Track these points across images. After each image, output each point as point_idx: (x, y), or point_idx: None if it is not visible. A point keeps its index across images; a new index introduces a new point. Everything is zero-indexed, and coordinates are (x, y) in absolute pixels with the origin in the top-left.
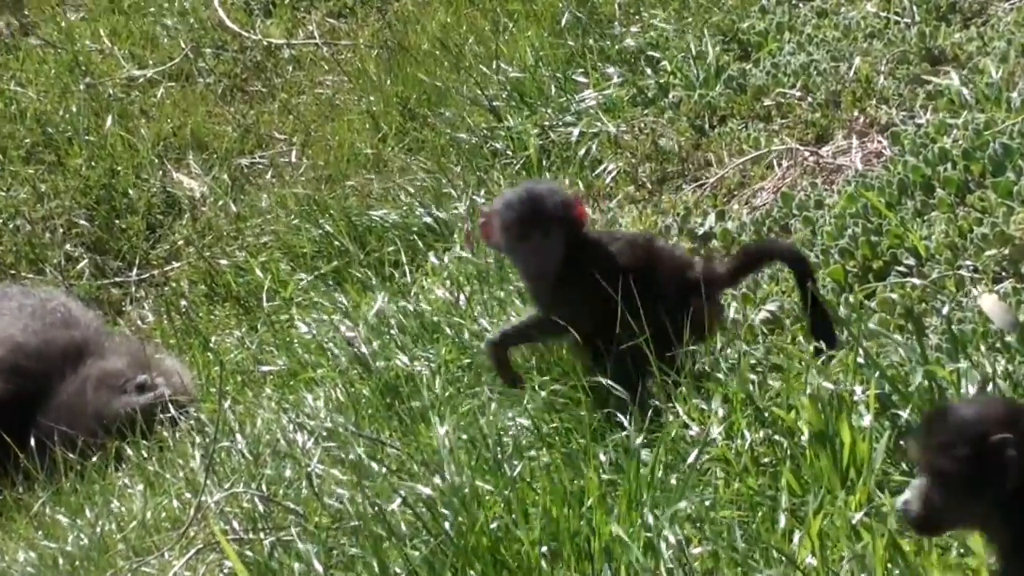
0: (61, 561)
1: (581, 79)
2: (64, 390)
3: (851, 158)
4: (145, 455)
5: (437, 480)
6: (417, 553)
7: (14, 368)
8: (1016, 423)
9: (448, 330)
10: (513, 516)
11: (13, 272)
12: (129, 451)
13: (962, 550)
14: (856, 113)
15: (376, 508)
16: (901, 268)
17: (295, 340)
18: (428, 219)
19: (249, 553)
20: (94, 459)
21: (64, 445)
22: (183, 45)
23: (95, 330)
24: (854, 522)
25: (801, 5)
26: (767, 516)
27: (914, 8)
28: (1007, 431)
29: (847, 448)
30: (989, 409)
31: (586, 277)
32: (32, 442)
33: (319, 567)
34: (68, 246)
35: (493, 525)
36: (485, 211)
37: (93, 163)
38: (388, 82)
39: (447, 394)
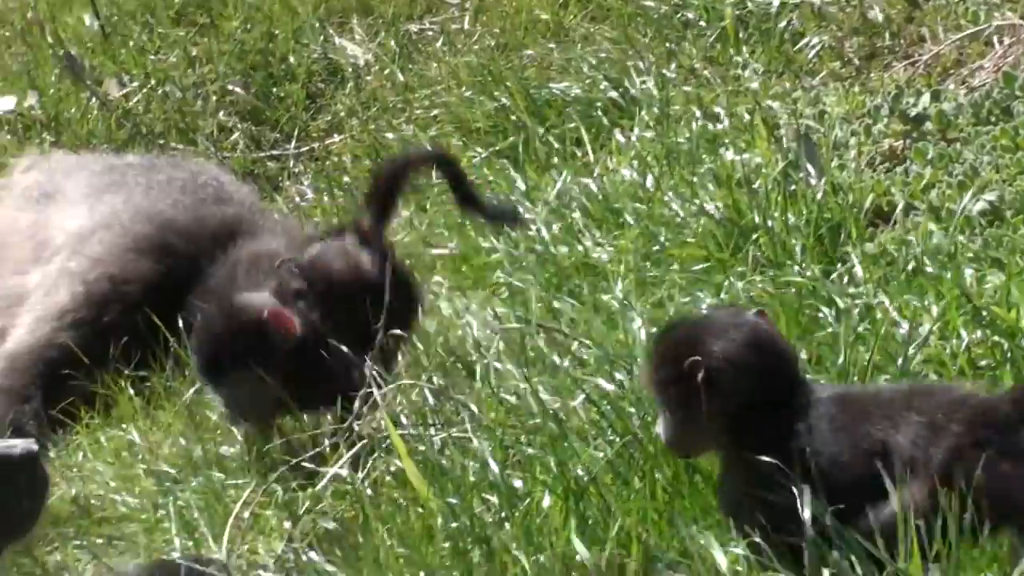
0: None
1: None
2: (215, 272)
3: None
4: None
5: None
6: (600, 454)
7: (164, 247)
8: (723, 338)
9: (634, 215)
10: None
11: (162, 142)
12: None
13: None
14: None
15: (557, 405)
16: None
17: (467, 222)
18: (613, 94)
19: (419, 449)
20: None
21: None
22: None
23: (250, 207)
24: None
25: None
26: None
27: None
28: (713, 348)
29: None
30: (699, 326)
31: None
32: (182, 327)
33: (494, 466)
34: (221, 115)
35: None
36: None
37: (249, 26)
38: None
39: (633, 283)
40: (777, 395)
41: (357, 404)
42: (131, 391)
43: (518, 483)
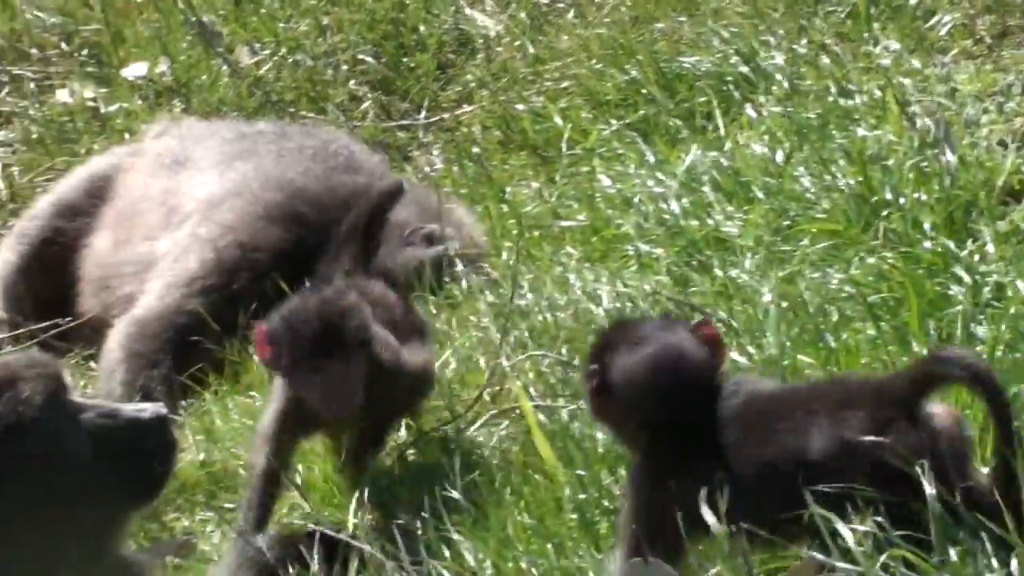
0: None
1: None
2: None
3: None
4: (434, 311)
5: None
6: None
7: (294, 215)
8: (626, 353)
9: (764, 190)
10: None
11: (292, 110)
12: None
13: None
14: None
15: None
16: None
17: (597, 194)
18: (744, 68)
19: (547, 420)
20: None
21: None
22: None
23: (380, 176)
24: None
25: None
26: None
27: None
28: (613, 361)
29: None
30: (614, 334)
31: None
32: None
33: None
34: (352, 84)
35: None
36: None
37: None
38: None
39: (763, 258)
40: (678, 414)
41: (487, 376)
42: None
43: None
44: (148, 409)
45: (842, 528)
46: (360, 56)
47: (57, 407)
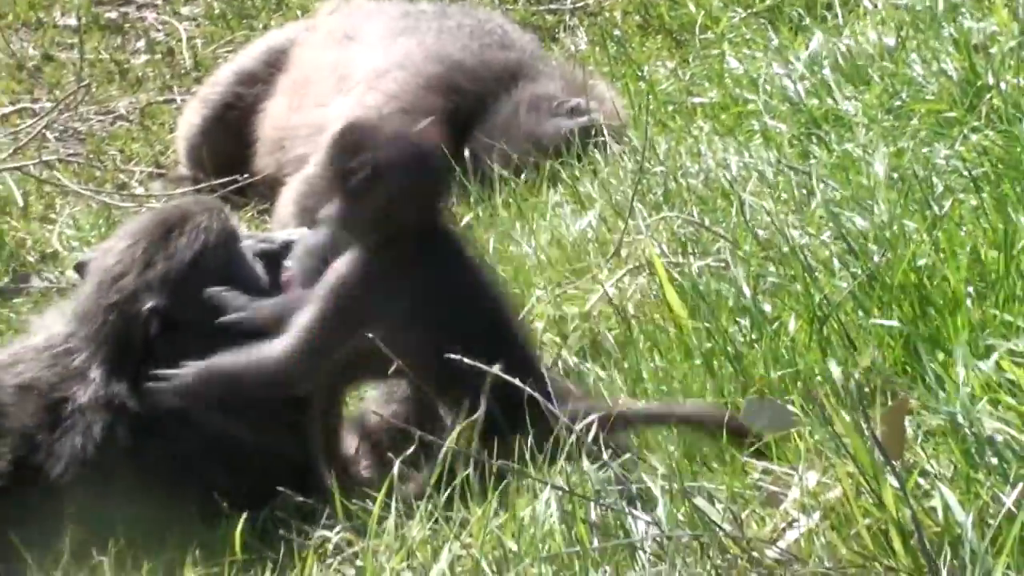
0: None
1: None
2: (498, 111)
3: None
4: (578, 176)
5: (860, 220)
6: (844, 284)
7: (452, 86)
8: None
9: (879, 72)
10: (941, 255)
11: None
12: (562, 172)
13: None
14: None
15: (806, 238)
16: None
17: (726, 75)
18: None
19: (677, 275)
20: (526, 179)
21: (498, 163)
22: None
23: (531, 53)
24: None
25: None
26: None
27: None
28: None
29: None
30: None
31: None
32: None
33: (747, 291)
34: None
35: (920, 263)
36: None
37: None
38: None
39: (876, 134)
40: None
41: (623, 234)
42: None
43: (767, 308)
44: (296, 232)
45: None
46: None
47: (229, 235)
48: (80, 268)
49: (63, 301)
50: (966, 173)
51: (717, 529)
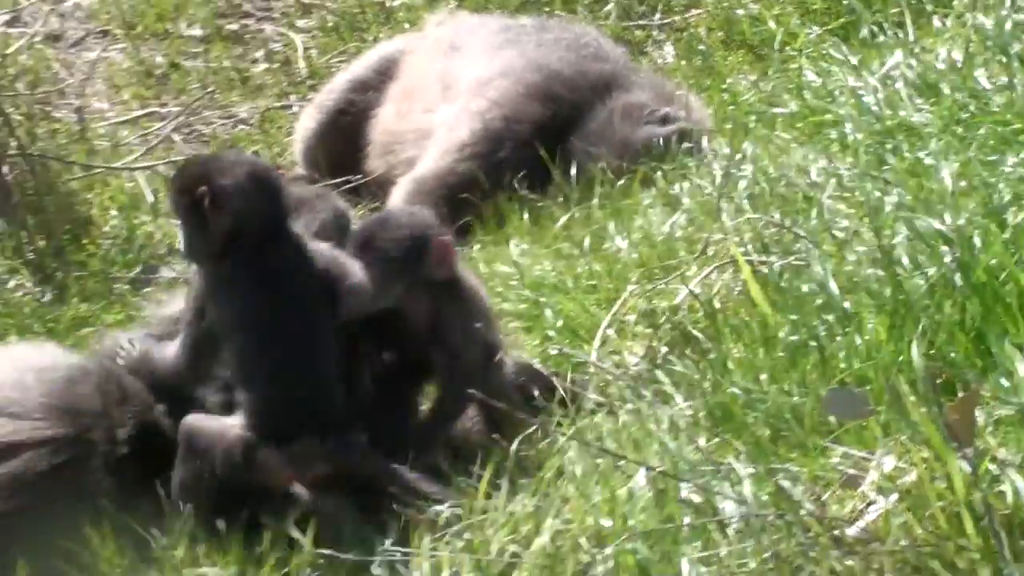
0: (584, 269)
1: None
2: (593, 118)
3: None
4: (667, 180)
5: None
6: (922, 282)
7: (550, 94)
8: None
9: (948, 87)
10: (1014, 257)
11: (548, 10)
12: (654, 176)
13: None
14: None
15: (882, 240)
16: None
17: (804, 87)
18: None
19: (762, 272)
20: (620, 181)
21: (593, 166)
22: None
23: (623, 65)
24: None
25: None
26: None
27: None
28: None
29: None
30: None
31: None
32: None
33: (833, 287)
34: None
35: (992, 262)
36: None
37: None
38: None
39: (945, 143)
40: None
41: (709, 234)
42: (522, 213)
43: (847, 304)
44: None
45: None
46: None
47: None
48: None
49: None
50: None
51: (800, 509)
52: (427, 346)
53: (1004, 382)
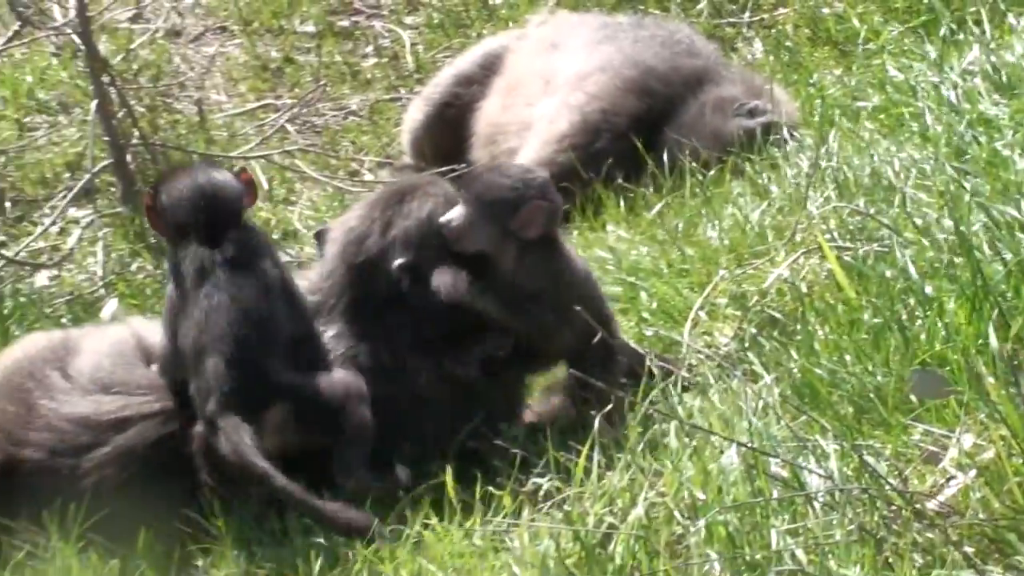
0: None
1: None
2: (686, 111)
3: None
4: (758, 169)
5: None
6: (1000, 268)
7: (646, 88)
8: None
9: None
10: None
11: (643, 8)
12: (744, 166)
13: None
14: None
15: (960, 227)
16: None
17: (887, 82)
18: None
19: (846, 258)
20: (711, 171)
21: (686, 157)
22: None
23: (714, 60)
24: None
25: None
26: None
27: None
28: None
29: None
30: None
31: None
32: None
33: (913, 272)
34: None
35: None
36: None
37: None
38: None
39: (1021, 135)
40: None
41: (796, 221)
42: (618, 201)
43: (928, 289)
44: None
45: None
46: None
47: (451, 199)
48: (319, 236)
49: (303, 272)
50: None
51: (883, 483)
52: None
53: None
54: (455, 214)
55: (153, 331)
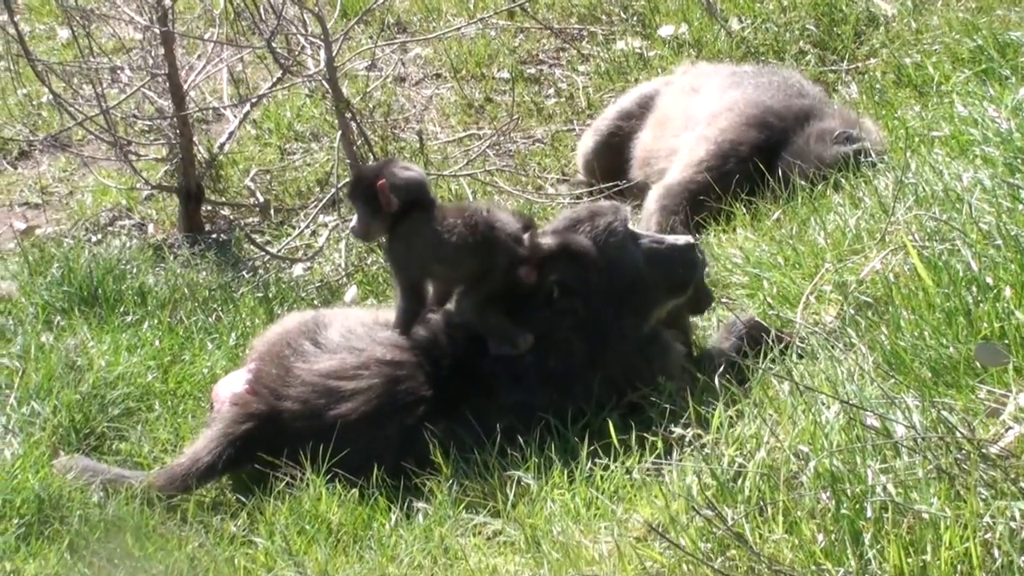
0: (791, 251)
1: None
2: (796, 140)
3: None
4: (852, 186)
5: None
6: None
7: (765, 123)
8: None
9: None
10: None
11: (763, 58)
12: (843, 182)
13: None
14: None
15: (1011, 232)
16: None
17: (955, 116)
18: None
19: (925, 255)
20: (817, 186)
21: (797, 177)
22: None
23: (819, 100)
24: None
25: None
26: None
27: None
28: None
29: None
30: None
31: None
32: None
33: (975, 267)
34: (801, 43)
35: None
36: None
37: None
38: None
39: None
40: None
41: (885, 226)
42: (744, 211)
43: (988, 279)
44: (682, 240)
45: None
46: (807, 26)
47: (624, 232)
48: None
49: None
50: None
51: (955, 432)
52: None
53: None
54: (352, 221)
55: (376, 315)
